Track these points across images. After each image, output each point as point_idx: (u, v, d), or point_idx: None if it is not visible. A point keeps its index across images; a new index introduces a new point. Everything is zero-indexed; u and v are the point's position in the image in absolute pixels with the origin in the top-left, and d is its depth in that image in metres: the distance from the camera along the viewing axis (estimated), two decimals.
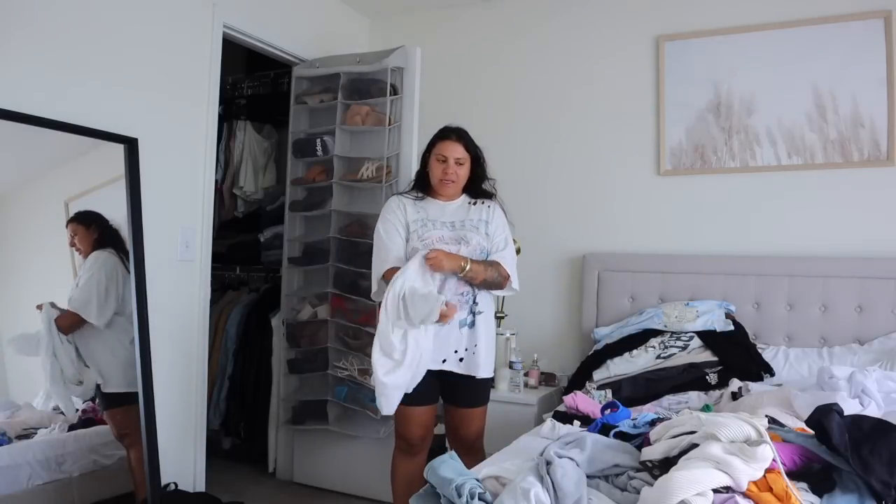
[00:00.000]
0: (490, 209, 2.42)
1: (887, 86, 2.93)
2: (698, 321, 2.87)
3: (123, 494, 2.50)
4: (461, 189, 2.45)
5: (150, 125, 2.64)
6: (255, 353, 3.60)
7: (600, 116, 3.45)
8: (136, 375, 2.48)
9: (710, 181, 3.24)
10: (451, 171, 2.35)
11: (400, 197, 2.46)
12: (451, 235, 2.33)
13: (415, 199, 2.43)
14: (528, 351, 3.28)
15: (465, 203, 2.44)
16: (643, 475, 1.50)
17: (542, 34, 3.60)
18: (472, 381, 2.35)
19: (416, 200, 2.43)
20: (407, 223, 2.36)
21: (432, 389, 2.34)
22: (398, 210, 2.39)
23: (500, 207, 2.46)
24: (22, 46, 2.22)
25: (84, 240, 2.47)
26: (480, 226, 2.36)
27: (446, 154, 2.36)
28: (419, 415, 2.36)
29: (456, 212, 2.41)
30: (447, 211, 2.40)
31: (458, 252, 2.29)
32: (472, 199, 2.45)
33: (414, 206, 2.41)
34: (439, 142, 2.39)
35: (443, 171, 2.36)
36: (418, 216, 2.38)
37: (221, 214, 3.87)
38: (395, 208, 2.40)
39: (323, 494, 3.27)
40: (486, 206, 2.42)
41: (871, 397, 2.20)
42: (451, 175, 2.36)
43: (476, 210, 2.41)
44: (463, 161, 2.37)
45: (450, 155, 2.35)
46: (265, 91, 3.97)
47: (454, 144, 2.36)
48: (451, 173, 2.35)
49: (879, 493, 1.38)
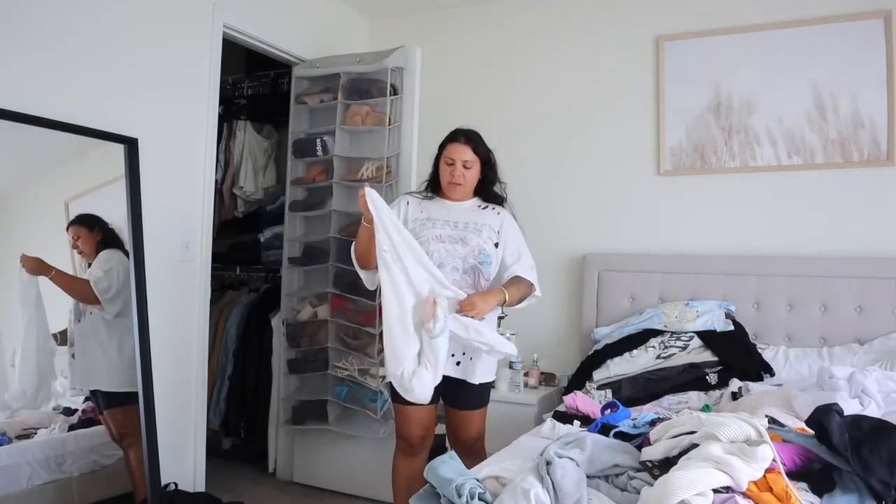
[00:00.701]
0: (500, 216, 2.40)
1: (887, 86, 2.93)
2: (698, 321, 2.87)
3: (123, 494, 2.50)
4: (471, 192, 2.44)
5: (150, 125, 2.64)
6: (255, 353, 3.60)
7: (600, 116, 3.46)
8: (135, 375, 2.48)
9: (710, 181, 3.24)
10: (459, 173, 2.35)
11: (407, 195, 2.48)
12: (451, 234, 2.32)
13: (423, 198, 2.44)
14: (528, 351, 3.28)
15: (474, 206, 2.43)
16: (643, 475, 1.50)
17: (542, 34, 3.60)
18: (468, 384, 2.33)
19: (424, 199, 2.44)
20: (406, 219, 2.37)
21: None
22: (400, 205, 2.42)
23: (510, 214, 2.44)
24: (22, 47, 2.22)
25: (87, 242, 2.49)
26: (484, 230, 2.35)
27: (454, 157, 2.35)
28: (419, 415, 2.36)
29: (463, 213, 2.40)
30: (453, 211, 2.40)
31: (455, 252, 2.29)
32: (482, 202, 2.45)
33: (419, 205, 2.41)
34: (448, 144, 2.39)
35: (450, 173, 2.36)
36: (420, 215, 2.38)
37: (221, 214, 3.87)
38: (397, 203, 2.43)
39: (323, 494, 3.27)
40: (495, 213, 2.41)
41: (871, 397, 2.20)
42: (458, 178, 2.36)
43: (484, 214, 2.40)
44: (470, 164, 2.37)
45: (457, 157, 2.35)
46: (265, 91, 3.96)
47: (462, 147, 2.36)
48: (458, 176, 2.35)
49: (879, 493, 1.38)
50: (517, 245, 2.40)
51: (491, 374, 2.41)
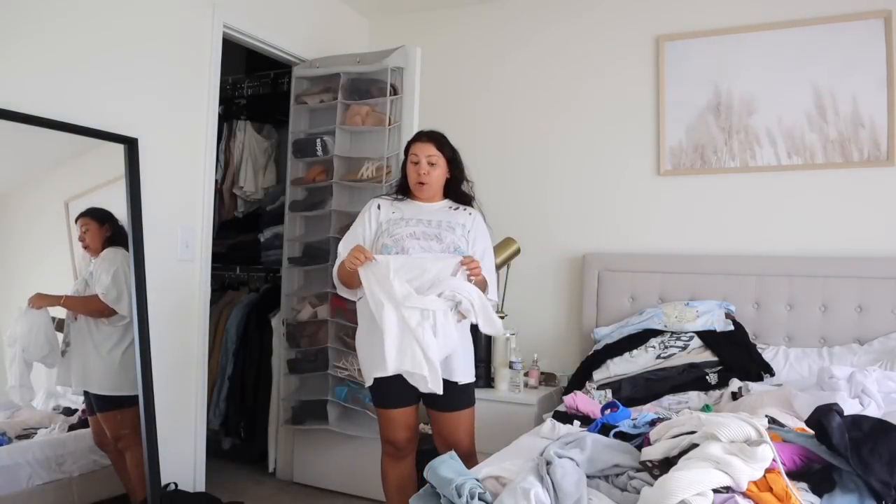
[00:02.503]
0: (471, 216, 2.42)
1: (887, 86, 2.93)
2: (698, 321, 2.87)
3: (123, 495, 2.50)
4: (440, 192, 2.45)
5: (150, 125, 2.64)
6: (255, 353, 3.60)
7: (600, 116, 3.46)
8: (132, 377, 2.48)
9: (710, 181, 3.24)
10: (424, 171, 2.36)
11: (376, 199, 2.47)
12: (426, 231, 2.32)
13: (393, 200, 2.44)
14: (528, 351, 3.28)
15: (446, 207, 2.44)
16: (643, 475, 1.50)
17: (542, 34, 3.60)
18: (451, 384, 2.26)
19: (395, 200, 2.44)
20: (380, 222, 2.38)
21: (411, 390, 2.24)
22: (370, 210, 2.42)
23: (480, 215, 2.46)
24: (22, 46, 2.22)
25: (95, 236, 2.48)
26: (457, 228, 2.36)
27: (418, 153, 2.38)
28: (402, 417, 2.35)
29: (435, 213, 2.40)
30: (425, 210, 2.40)
31: (430, 248, 2.28)
32: (454, 203, 2.46)
33: (390, 206, 2.42)
34: (412, 144, 2.43)
35: (416, 172, 2.37)
36: (393, 215, 2.38)
37: (221, 214, 3.87)
38: (368, 208, 2.43)
39: (323, 494, 3.27)
40: (466, 213, 2.43)
41: (871, 397, 2.20)
42: (424, 176, 2.36)
43: (456, 214, 2.41)
44: (435, 160, 2.38)
45: (421, 154, 2.37)
46: (265, 91, 3.97)
47: (425, 144, 2.39)
48: (424, 174, 2.36)
49: (879, 493, 1.38)
50: (484, 246, 2.42)
51: (470, 376, 2.37)
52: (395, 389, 2.25)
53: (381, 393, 2.31)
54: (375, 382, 2.25)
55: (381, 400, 2.35)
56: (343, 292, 2.41)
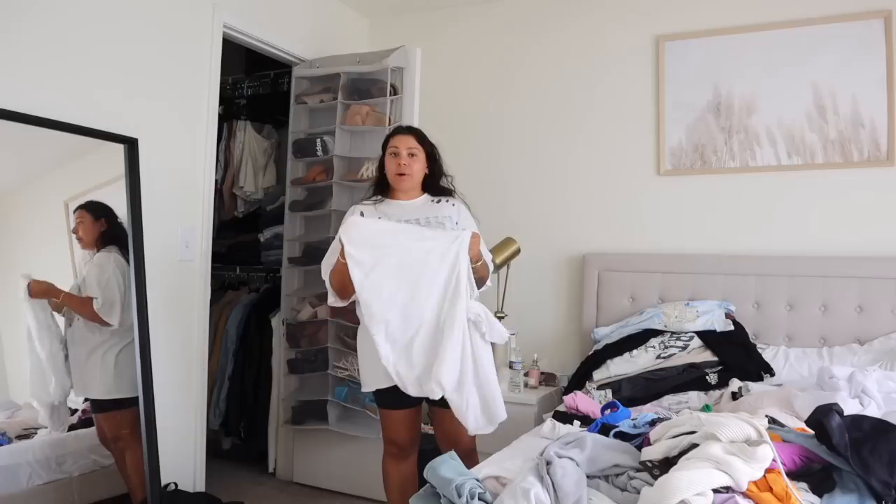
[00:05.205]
0: (455, 207, 2.40)
1: (887, 86, 2.93)
2: (698, 321, 2.87)
3: (123, 495, 2.50)
4: (420, 186, 2.42)
5: (150, 125, 2.64)
6: (255, 353, 3.60)
7: (600, 116, 3.45)
8: (130, 379, 2.48)
9: (710, 181, 3.24)
10: (405, 162, 2.33)
11: (357, 206, 2.41)
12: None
13: (373, 204, 2.40)
14: (528, 351, 3.28)
15: (427, 201, 2.42)
16: (643, 475, 1.50)
17: (541, 34, 3.60)
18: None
19: (375, 204, 2.40)
20: None
21: None
22: (354, 217, 2.31)
23: (464, 204, 2.44)
24: (22, 46, 2.23)
25: (88, 230, 2.46)
26: (446, 221, 2.34)
27: (398, 145, 2.35)
28: (405, 417, 2.35)
29: (418, 209, 2.38)
30: (408, 209, 2.37)
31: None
32: (433, 196, 2.43)
33: (374, 211, 2.36)
34: (392, 137, 2.41)
35: (396, 164, 2.34)
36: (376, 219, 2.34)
37: (221, 214, 3.87)
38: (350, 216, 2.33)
39: (323, 494, 3.27)
40: (450, 204, 2.40)
41: (871, 397, 2.20)
42: (405, 167, 2.33)
43: (440, 207, 2.39)
44: (415, 152, 2.36)
45: (401, 146, 2.35)
46: (265, 91, 3.96)
47: (405, 136, 2.37)
48: (405, 165, 2.33)
49: (879, 493, 1.38)
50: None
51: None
52: (399, 390, 2.25)
53: (384, 394, 2.31)
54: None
55: (385, 401, 2.34)
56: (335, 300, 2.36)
